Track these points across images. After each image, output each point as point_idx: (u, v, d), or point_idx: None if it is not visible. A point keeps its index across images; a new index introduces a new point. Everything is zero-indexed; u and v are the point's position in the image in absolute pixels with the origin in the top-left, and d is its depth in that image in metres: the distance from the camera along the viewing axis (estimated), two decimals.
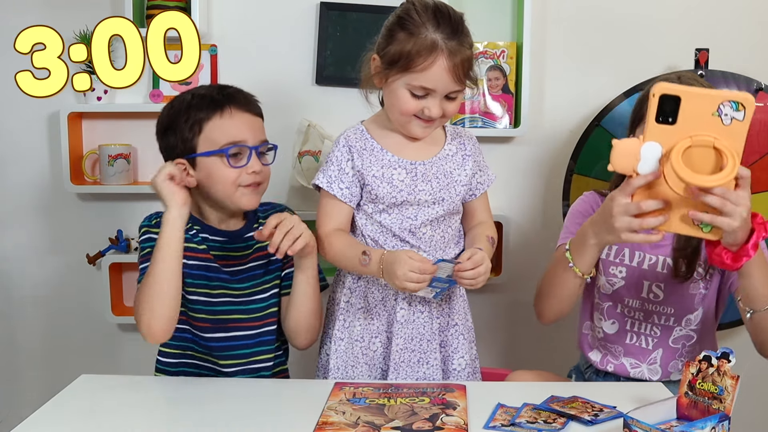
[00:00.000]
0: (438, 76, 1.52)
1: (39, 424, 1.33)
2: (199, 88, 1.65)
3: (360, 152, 1.63)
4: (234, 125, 1.58)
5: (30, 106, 2.21)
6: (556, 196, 2.38)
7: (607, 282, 1.79)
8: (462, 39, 1.53)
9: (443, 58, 1.51)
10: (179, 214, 1.52)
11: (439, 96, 1.55)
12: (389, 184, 1.61)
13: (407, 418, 1.32)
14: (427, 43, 1.51)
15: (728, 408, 1.23)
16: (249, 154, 1.59)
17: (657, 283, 1.74)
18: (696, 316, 1.74)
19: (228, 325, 1.63)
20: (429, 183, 1.62)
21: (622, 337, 1.79)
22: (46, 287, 2.46)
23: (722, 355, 1.26)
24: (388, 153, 1.63)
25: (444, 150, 1.67)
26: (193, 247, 1.62)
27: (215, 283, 1.63)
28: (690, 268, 1.70)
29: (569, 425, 1.31)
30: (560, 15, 2.36)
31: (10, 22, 2.19)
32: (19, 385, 2.50)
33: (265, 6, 2.34)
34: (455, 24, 1.53)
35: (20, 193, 2.42)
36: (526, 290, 2.16)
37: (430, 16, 1.53)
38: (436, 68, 1.51)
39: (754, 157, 2.25)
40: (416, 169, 1.62)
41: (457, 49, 1.52)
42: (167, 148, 1.63)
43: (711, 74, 2.25)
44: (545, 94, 2.39)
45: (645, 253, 1.75)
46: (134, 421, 1.35)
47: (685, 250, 1.70)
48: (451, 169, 1.66)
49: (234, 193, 1.59)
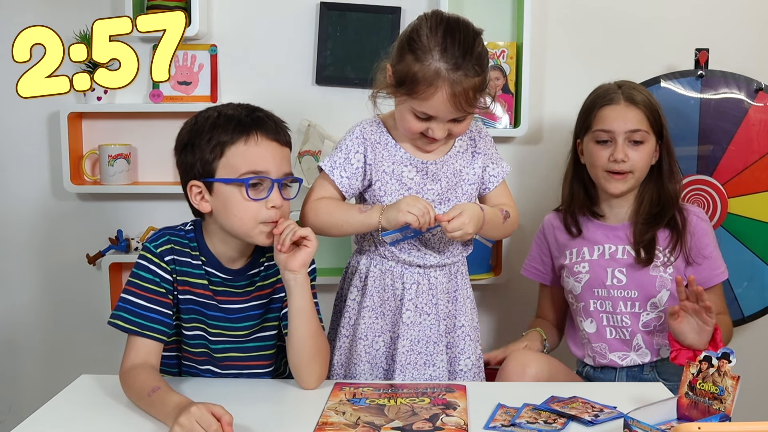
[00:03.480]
0: (439, 105, 1.49)
1: (39, 424, 1.33)
2: (227, 107, 1.53)
3: (374, 145, 1.62)
4: (258, 153, 1.47)
5: (30, 106, 2.20)
6: (555, 197, 2.37)
7: (575, 281, 1.88)
8: (468, 66, 1.48)
9: (444, 89, 1.47)
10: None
11: (443, 120, 1.53)
12: (398, 181, 1.60)
13: (407, 419, 1.32)
14: (430, 72, 1.47)
15: (729, 408, 1.23)
16: (270, 187, 1.47)
17: (619, 268, 1.84)
18: (660, 300, 1.82)
19: (224, 363, 1.57)
20: (438, 182, 1.62)
21: (603, 333, 1.86)
22: (46, 287, 2.46)
23: (723, 355, 1.26)
24: (401, 149, 1.62)
25: (455, 147, 1.66)
26: (192, 282, 1.53)
27: (212, 321, 1.55)
28: (649, 254, 1.81)
29: (569, 425, 1.31)
30: (560, 15, 2.36)
31: (10, 22, 2.20)
32: (19, 385, 2.50)
33: (265, 6, 2.34)
34: (465, 48, 1.48)
35: (20, 192, 2.41)
36: (525, 290, 2.16)
37: (439, 39, 1.48)
38: (437, 98, 1.49)
39: (754, 157, 2.25)
40: (427, 168, 1.62)
41: (460, 79, 1.47)
42: (185, 166, 1.51)
43: (711, 74, 2.25)
44: (545, 94, 2.39)
45: (603, 245, 1.86)
46: (134, 421, 1.35)
47: (641, 242, 1.83)
48: (460, 167, 1.65)
49: (252, 229, 1.47)
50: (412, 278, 1.63)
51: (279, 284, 1.56)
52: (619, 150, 1.79)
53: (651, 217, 1.84)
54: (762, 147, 2.25)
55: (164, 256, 1.51)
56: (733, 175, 2.27)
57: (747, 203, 2.28)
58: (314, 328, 1.51)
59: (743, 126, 2.24)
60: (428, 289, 1.63)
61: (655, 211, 1.84)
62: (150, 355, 1.48)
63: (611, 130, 1.81)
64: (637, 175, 1.83)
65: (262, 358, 1.59)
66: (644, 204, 1.85)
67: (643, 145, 1.81)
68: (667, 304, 1.80)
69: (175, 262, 1.52)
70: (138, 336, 1.48)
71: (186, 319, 1.54)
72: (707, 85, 2.25)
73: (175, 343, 1.57)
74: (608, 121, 1.81)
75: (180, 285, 1.52)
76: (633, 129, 1.80)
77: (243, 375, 1.58)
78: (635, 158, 1.80)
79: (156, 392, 1.36)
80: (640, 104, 1.81)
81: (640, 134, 1.80)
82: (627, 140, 1.80)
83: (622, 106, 1.81)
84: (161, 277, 1.50)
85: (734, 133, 2.25)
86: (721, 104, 2.25)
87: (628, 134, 1.80)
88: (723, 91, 2.26)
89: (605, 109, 1.83)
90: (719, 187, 2.27)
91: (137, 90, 2.32)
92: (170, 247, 1.52)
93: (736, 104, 2.25)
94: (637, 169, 1.81)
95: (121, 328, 1.48)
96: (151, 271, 1.50)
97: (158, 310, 1.49)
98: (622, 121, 1.80)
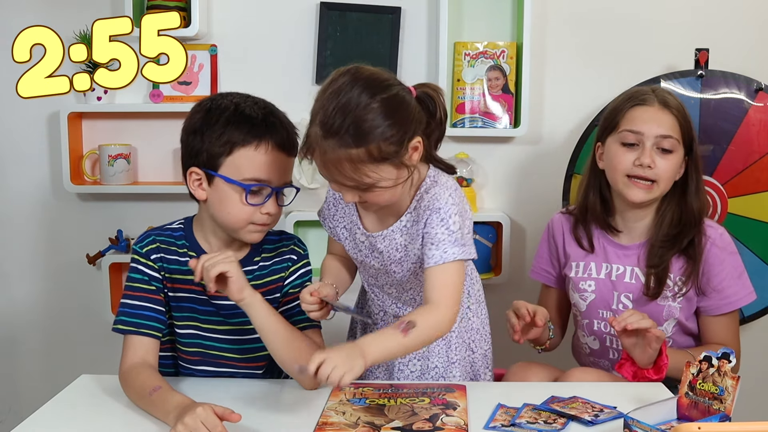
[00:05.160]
0: (321, 170, 1.41)
1: (39, 424, 1.33)
2: (245, 101, 1.50)
3: (336, 203, 1.60)
4: (265, 162, 1.46)
5: (30, 106, 2.20)
6: (556, 196, 2.38)
7: (581, 298, 1.82)
8: (342, 138, 1.32)
9: (318, 156, 1.38)
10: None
11: (343, 188, 1.40)
12: (353, 241, 1.59)
13: (407, 419, 1.32)
14: (311, 134, 1.38)
15: (729, 408, 1.23)
16: (269, 195, 1.48)
17: (626, 293, 1.76)
18: (666, 328, 1.75)
19: (218, 360, 1.56)
20: (380, 255, 1.54)
21: (606, 352, 1.81)
22: (46, 287, 2.46)
23: (723, 355, 1.26)
24: (354, 214, 1.57)
25: (401, 221, 1.50)
26: (182, 279, 1.52)
27: (204, 317, 1.54)
28: (659, 285, 1.71)
29: (569, 425, 1.31)
30: (560, 15, 2.36)
31: (10, 22, 2.20)
32: (19, 385, 2.50)
33: (265, 6, 2.34)
34: (343, 116, 1.33)
35: (20, 192, 2.41)
36: (525, 290, 2.16)
37: (326, 99, 1.36)
38: (317, 163, 1.40)
39: (754, 157, 2.25)
40: (368, 239, 1.55)
41: (331, 148, 1.34)
42: (190, 150, 1.49)
43: (711, 74, 2.25)
44: (545, 94, 2.39)
45: (611, 264, 1.77)
46: (134, 421, 1.35)
47: (657, 267, 1.71)
48: (405, 243, 1.51)
49: (242, 228, 1.49)
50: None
51: (273, 285, 1.57)
52: (646, 154, 1.66)
53: (670, 238, 1.71)
54: (762, 147, 2.25)
55: (150, 255, 1.53)
56: (733, 175, 2.27)
57: (747, 203, 2.28)
58: (283, 340, 1.46)
59: (743, 126, 2.24)
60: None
61: (675, 232, 1.71)
62: (148, 354, 1.48)
63: (641, 131, 1.67)
64: (662, 187, 1.69)
65: (257, 359, 1.59)
66: (665, 224, 1.71)
67: (671, 155, 1.67)
68: (673, 331, 1.75)
69: (163, 260, 1.54)
70: (134, 335, 1.49)
71: (178, 317, 1.54)
72: (707, 85, 2.26)
73: (170, 343, 1.57)
74: (639, 122, 1.68)
75: (170, 282, 1.53)
76: (664, 134, 1.66)
77: (239, 374, 1.58)
78: (662, 167, 1.66)
79: (157, 392, 1.36)
80: (674, 110, 1.69)
81: (670, 142, 1.67)
82: (655, 146, 1.67)
83: (655, 108, 1.68)
84: (150, 276, 1.52)
85: (734, 133, 2.25)
86: (721, 104, 2.25)
87: (658, 140, 1.66)
88: (723, 91, 2.26)
89: (637, 110, 1.70)
90: (719, 187, 2.27)
91: (137, 90, 2.32)
92: (156, 246, 1.54)
93: (736, 104, 2.25)
94: (661, 179, 1.67)
95: (121, 332, 1.50)
96: (140, 271, 1.52)
97: (151, 308, 1.50)
98: (654, 124, 1.67)
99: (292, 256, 1.59)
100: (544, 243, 1.93)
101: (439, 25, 2.26)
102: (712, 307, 1.73)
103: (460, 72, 2.32)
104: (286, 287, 1.58)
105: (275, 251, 1.59)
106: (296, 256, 1.60)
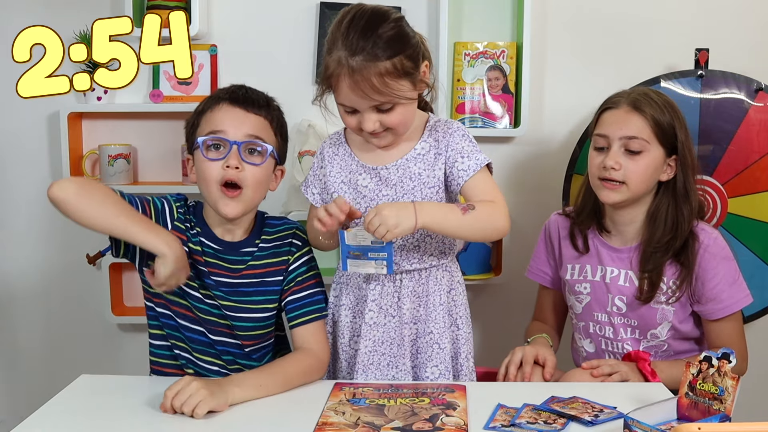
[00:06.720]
0: (347, 94, 1.46)
1: (39, 424, 1.33)
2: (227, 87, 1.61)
3: (331, 159, 1.63)
4: (219, 117, 1.52)
5: (30, 106, 2.21)
6: (555, 197, 2.38)
7: (576, 300, 1.83)
8: (369, 50, 1.43)
9: (346, 77, 1.44)
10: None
11: (366, 111, 1.48)
12: (354, 189, 1.59)
13: (407, 419, 1.32)
14: (334, 61, 1.45)
15: (729, 409, 1.23)
16: (229, 148, 1.50)
17: (620, 295, 1.77)
18: (661, 332, 1.76)
19: (213, 327, 1.58)
20: (393, 188, 1.57)
21: (601, 356, 1.82)
22: (46, 287, 2.46)
23: (723, 355, 1.26)
24: (355, 158, 1.60)
25: (415, 150, 1.58)
26: (191, 248, 1.56)
27: (203, 282, 1.57)
28: (653, 289, 1.72)
29: (569, 426, 1.31)
30: (560, 15, 2.36)
31: (10, 22, 2.20)
32: (19, 385, 2.50)
33: (265, 6, 2.34)
34: (366, 33, 1.43)
35: (20, 192, 2.41)
36: (525, 290, 2.16)
37: (344, 29, 1.45)
38: (342, 87, 1.46)
39: (754, 157, 2.25)
40: (379, 173, 1.58)
41: (360, 65, 1.42)
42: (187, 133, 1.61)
43: (711, 74, 2.25)
44: (545, 94, 2.39)
45: (606, 267, 1.79)
46: (134, 421, 1.34)
47: (651, 271, 1.72)
48: (419, 171, 1.57)
49: (216, 195, 1.51)
50: (376, 279, 1.61)
51: (273, 267, 1.59)
52: (610, 156, 1.69)
53: (662, 244, 1.71)
54: (762, 147, 2.25)
55: (174, 214, 1.58)
56: (733, 175, 2.27)
57: (747, 203, 2.28)
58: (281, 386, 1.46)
59: (743, 126, 2.24)
60: (393, 292, 1.61)
61: (667, 237, 1.71)
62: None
63: (606, 134, 1.71)
64: (633, 188, 1.70)
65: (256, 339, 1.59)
66: (657, 227, 1.73)
67: (640, 156, 1.69)
68: (668, 335, 1.76)
69: (179, 220, 1.58)
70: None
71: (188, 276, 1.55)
72: (707, 85, 2.25)
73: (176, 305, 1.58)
74: (605, 125, 1.73)
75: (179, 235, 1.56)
76: (630, 136, 1.69)
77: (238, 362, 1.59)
78: (630, 168, 1.68)
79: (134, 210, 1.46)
80: (644, 112, 1.69)
81: (637, 143, 1.68)
82: (623, 148, 1.69)
83: (622, 111, 1.71)
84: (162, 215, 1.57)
85: (734, 133, 2.25)
86: (721, 104, 2.25)
87: (624, 141, 1.69)
88: (723, 91, 2.26)
89: (605, 114, 1.75)
90: (719, 187, 2.27)
91: (137, 90, 2.33)
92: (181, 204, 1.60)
93: (736, 104, 2.25)
94: (631, 180, 1.69)
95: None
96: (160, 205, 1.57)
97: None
98: (618, 126, 1.70)
99: (295, 241, 1.62)
100: (541, 244, 1.95)
101: (439, 25, 2.26)
102: (709, 312, 1.74)
103: (460, 72, 2.32)
104: (291, 274, 1.60)
105: (275, 234, 1.62)
106: (300, 242, 1.63)
